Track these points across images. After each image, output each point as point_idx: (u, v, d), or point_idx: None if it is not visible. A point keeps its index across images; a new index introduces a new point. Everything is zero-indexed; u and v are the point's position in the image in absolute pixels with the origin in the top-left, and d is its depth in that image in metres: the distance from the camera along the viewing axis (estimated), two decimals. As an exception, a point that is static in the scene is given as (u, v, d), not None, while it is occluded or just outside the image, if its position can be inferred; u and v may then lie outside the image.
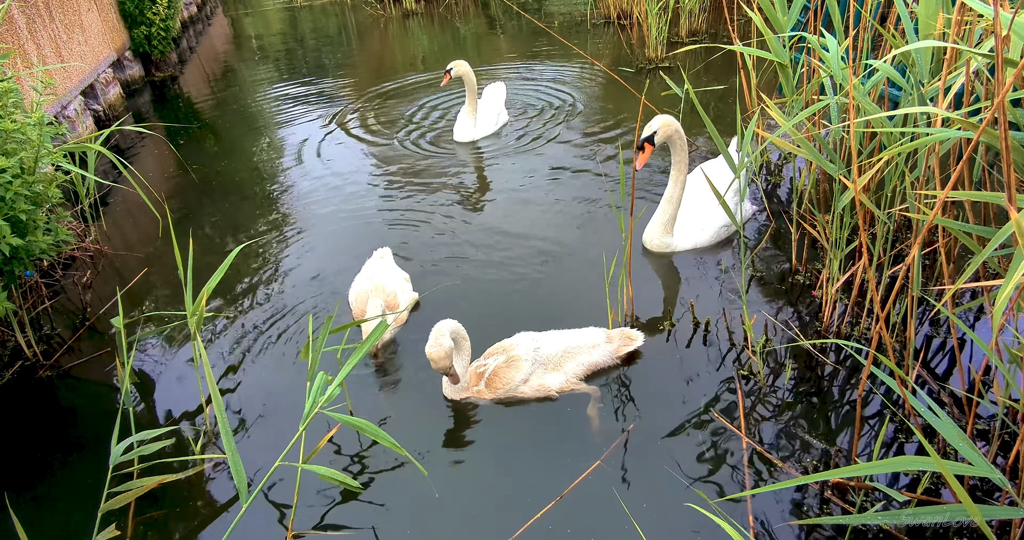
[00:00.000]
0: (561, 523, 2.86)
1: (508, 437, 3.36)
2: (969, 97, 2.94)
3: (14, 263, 3.95)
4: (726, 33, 9.60)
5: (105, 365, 4.09)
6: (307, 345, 2.79)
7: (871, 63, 2.99)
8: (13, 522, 2.51)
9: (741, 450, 3.12)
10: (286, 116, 8.39)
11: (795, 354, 3.69)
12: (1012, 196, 2.08)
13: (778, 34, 4.35)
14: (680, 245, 4.69)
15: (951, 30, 2.87)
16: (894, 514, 2.04)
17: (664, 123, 4.32)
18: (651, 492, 2.96)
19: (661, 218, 4.62)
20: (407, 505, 3.02)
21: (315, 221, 5.61)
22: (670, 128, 4.34)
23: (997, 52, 1.94)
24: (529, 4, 14.12)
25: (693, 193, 4.85)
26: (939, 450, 2.98)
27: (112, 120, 8.39)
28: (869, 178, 3.02)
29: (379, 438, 2.51)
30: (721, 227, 4.72)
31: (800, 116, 3.27)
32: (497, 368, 3.51)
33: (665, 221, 4.61)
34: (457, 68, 6.58)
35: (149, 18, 10.01)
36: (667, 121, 4.33)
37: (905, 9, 3.26)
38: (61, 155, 4.31)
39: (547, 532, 2.82)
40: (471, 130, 6.84)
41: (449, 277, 4.62)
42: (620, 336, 3.71)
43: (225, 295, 4.66)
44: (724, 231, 4.76)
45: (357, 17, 15.02)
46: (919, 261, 3.07)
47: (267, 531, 2.93)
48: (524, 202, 5.60)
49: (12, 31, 6.43)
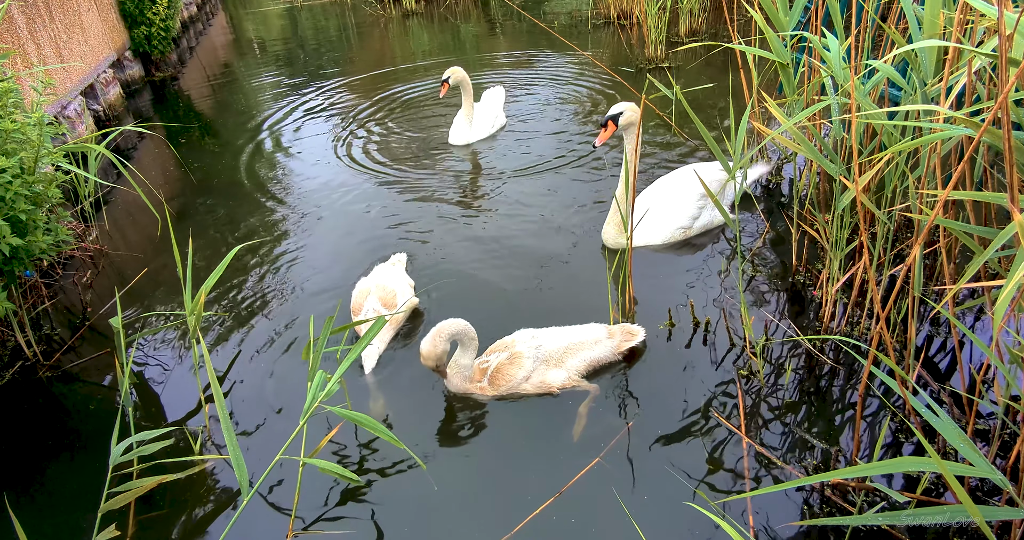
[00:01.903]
0: (560, 520, 2.85)
1: (507, 433, 3.36)
2: (971, 97, 2.94)
3: (14, 263, 3.95)
4: (726, 33, 9.59)
5: (105, 365, 4.09)
6: (308, 345, 2.79)
7: (872, 63, 2.98)
8: (13, 522, 2.51)
9: (741, 450, 3.12)
10: (286, 116, 8.39)
11: (795, 354, 3.69)
12: (1015, 197, 2.07)
13: (779, 33, 4.35)
14: (634, 243, 4.74)
15: (954, 29, 2.86)
16: (894, 515, 2.04)
17: (630, 107, 4.39)
18: (650, 491, 2.96)
19: (614, 219, 4.69)
20: (407, 502, 3.02)
21: (315, 221, 5.61)
22: (635, 114, 4.38)
23: (1001, 52, 1.94)
24: (529, 4, 14.12)
25: (657, 193, 4.91)
26: (939, 450, 2.97)
27: (112, 120, 8.39)
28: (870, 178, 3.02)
29: (378, 432, 2.51)
30: (676, 229, 4.76)
31: (801, 116, 3.27)
32: (500, 365, 3.52)
33: (619, 222, 4.67)
34: (454, 76, 6.59)
35: (149, 18, 10.01)
36: (633, 106, 4.40)
37: (911, 7, 3.25)
38: (61, 155, 4.31)
39: (546, 529, 2.82)
40: (466, 134, 6.85)
41: (448, 275, 4.62)
42: (621, 332, 3.71)
43: (225, 295, 4.66)
44: (679, 232, 4.80)
45: (357, 17, 15.02)
46: (920, 261, 3.07)
47: (267, 531, 2.93)
48: (522, 203, 5.60)
49: (12, 31, 6.43)
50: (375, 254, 4.92)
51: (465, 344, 3.47)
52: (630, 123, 4.40)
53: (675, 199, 4.77)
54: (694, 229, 4.86)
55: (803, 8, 4.70)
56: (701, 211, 4.85)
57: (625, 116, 4.36)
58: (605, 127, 4.43)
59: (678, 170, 5.08)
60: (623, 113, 4.36)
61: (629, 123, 4.40)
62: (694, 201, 4.81)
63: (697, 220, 4.85)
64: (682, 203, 4.77)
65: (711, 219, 4.94)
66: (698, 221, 4.86)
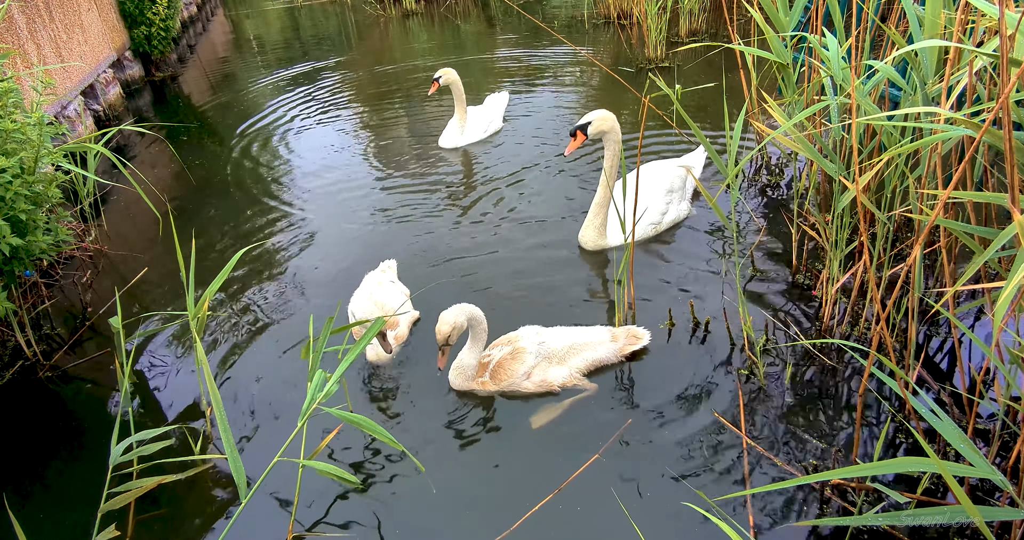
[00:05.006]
0: (558, 518, 2.86)
1: (505, 430, 3.37)
2: (971, 97, 2.93)
3: (14, 263, 3.94)
4: (726, 33, 9.59)
5: (105, 365, 4.09)
6: (307, 345, 2.79)
7: (872, 64, 2.98)
8: (13, 522, 2.51)
9: (740, 449, 3.12)
10: (286, 116, 8.39)
11: (795, 354, 3.69)
12: (1015, 197, 2.07)
13: (779, 33, 4.35)
14: (611, 243, 4.77)
15: (954, 29, 2.86)
16: (894, 515, 2.04)
17: (599, 117, 4.33)
18: (649, 490, 2.96)
19: (594, 222, 4.68)
20: (406, 502, 3.02)
21: (314, 221, 5.61)
22: (604, 123, 4.34)
23: (1002, 52, 1.94)
24: (529, 4, 14.12)
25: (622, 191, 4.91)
26: (939, 450, 2.97)
27: (112, 120, 8.39)
28: (869, 178, 3.02)
29: (376, 433, 2.51)
30: (647, 225, 4.77)
31: (800, 116, 3.27)
32: (502, 359, 3.52)
33: (598, 225, 4.68)
34: (446, 76, 6.58)
35: (149, 18, 10.01)
36: (603, 116, 4.33)
37: (911, 7, 3.25)
38: (61, 155, 4.31)
39: (545, 528, 2.82)
40: (457, 137, 6.83)
41: (445, 277, 4.62)
42: (626, 334, 3.71)
43: (225, 295, 4.66)
44: (650, 229, 4.82)
45: (357, 17, 15.01)
46: (920, 261, 3.07)
47: (267, 531, 2.93)
48: (520, 203, 5.60)
49: (12, 31, 6.43)
50: (375, 254, 4.91)
51: (476, 333, 3.48)
52: (600, 132, 4.37)
53: (642, 196, 4.76)
54: (663, 224, 4.89)
55: (803, 8, 4.70)
56: (668, 206, 4.87)
57: (594, 126, 4.33)
58: (574, 137, 4.38)
59: (641, 167, 5.08)
60: (591, 123, 4.32)
61: (599, 132, 4.37)
62: (661, 196, 4.83)
63: (666, 215, 4.87)
64: (650, 200, 4.77)
65: (678, 213, 4.97)
66: (667, 216, 4.88)
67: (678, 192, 4.97)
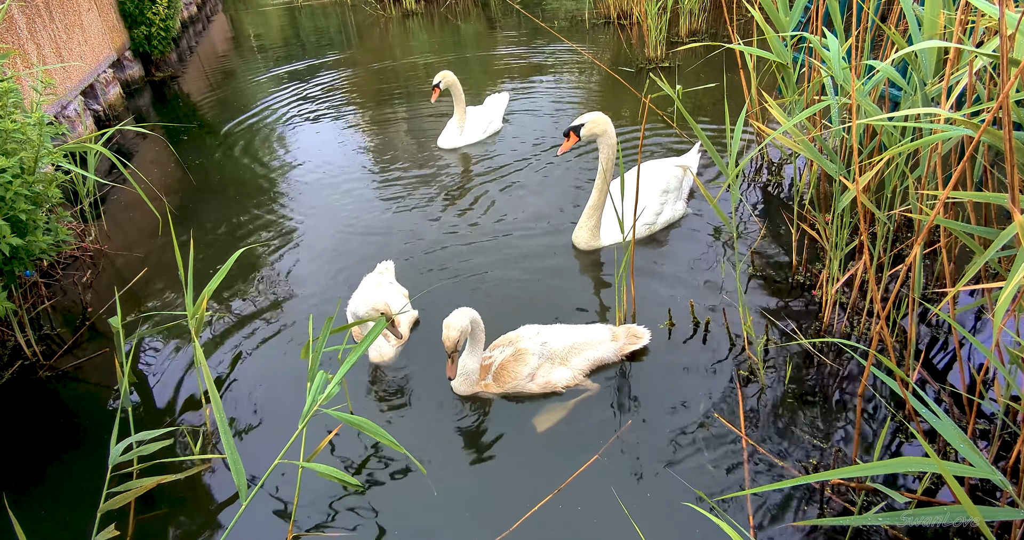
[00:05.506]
0: (558, 518, 2.86)
1: (505, 430, 3.36)
2: (971, 97, 2.93)
3: (14, 263, 3.94)
4: (726, 33, 9.59)
5: (105, 365, 4.09)
6: (307, 345, 2.79)
7: (873, 64, 2.98)
8: (13, 522, 2.51)
9: (740, 449, 3.12)
10: (286, 116, 8.39)
11: (795, 354, 3.69)
12: (1015, 197, 2.07)
13: (779, 33, 4.35)
14: (603, 243, 4.79)
15: (954, 29, 2.86)
16: (894, 515, 2.04)
17: (593, 119, 4.33)
18: (649, 490, 2.96)
19: (587, 224, 4.69)
20: (406, 502, 3.02)
21: (314, 221, 5.61)
22: (597, 126, 4.34)
23: (1002, 52, 1.94)
24: (529, 4, 14.12)
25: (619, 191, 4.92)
26: (939, 450, 2.97)
27: (112, 120, 8.39)
28: (869, 178, 3.02)
29: (377, 435, 2.50)
30: (641, 225, 4.78)
31: (801, 116, 3.27)
32: (504, 361, 3.51)
33: (591, 227, 4.69)
34: (445, 80, 6.57)
35: (149, 18, 10.01)
36: (596, 118, 4.34)
37: (911, 8, 3.25)
38: (61, 155, 4.30)
39: (544, 527, 2.82)
40: (455, 138, 6.83)
41: (446, 279, 4.62)
42: (626, 333, 3.71)
43: (224, 295, 4.66)
44: (645, 229, 4.83)
45: (357, 17, 15.01)
46: (920, 261, 3.07)
47: (267, 531, 2.93)
48: (520, 203, 5.60)
49: (12, 31, 6.43)
50: (374, 254, 4.91)
51: (476, 337, 3.46)
52: (592, 134, 4.37)
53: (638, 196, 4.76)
54: (658, 224, 4.90)
55: (803, 8, 4.70)
56: (663, 206, 4.88)
57: (586, 128, 4.33)
58: (567, 137, 4.39)
59: (636, 167, 5.08)
60: (584, 125, 4.32)
61: (591, 134, 4.37)
62: (656, 196, 4.83)
63: (660, 215, 4.88)
64: (645, 200, 4.78)
65: (673, 213, 4.98)
66: (661, 216, 4.89)
67: (673, 192, 4.98)
